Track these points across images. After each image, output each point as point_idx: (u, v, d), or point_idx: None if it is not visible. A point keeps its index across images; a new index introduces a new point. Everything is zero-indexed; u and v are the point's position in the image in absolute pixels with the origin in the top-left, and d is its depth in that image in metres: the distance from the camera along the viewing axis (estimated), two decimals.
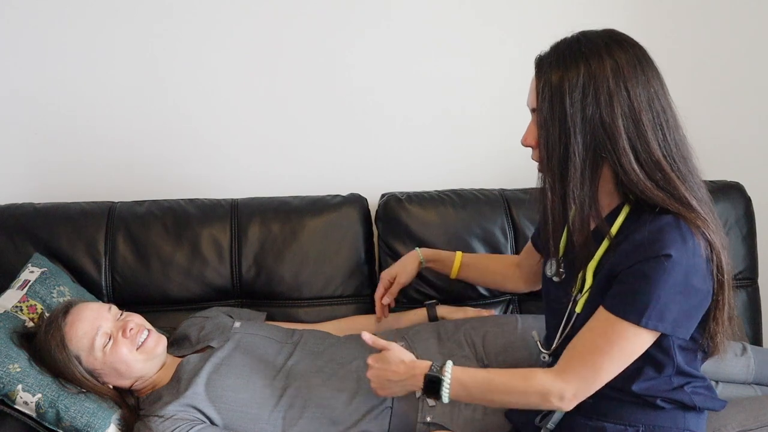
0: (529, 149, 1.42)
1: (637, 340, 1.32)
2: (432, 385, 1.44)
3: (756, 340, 2.13)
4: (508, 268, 1.85)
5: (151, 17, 2.13)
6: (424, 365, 1.47)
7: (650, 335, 1.33)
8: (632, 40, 1.36)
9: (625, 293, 1.32)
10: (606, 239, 1.38)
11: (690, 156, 1.36)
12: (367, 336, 1.56)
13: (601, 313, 1.34)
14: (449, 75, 2.25)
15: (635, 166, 1.31)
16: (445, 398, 1.44)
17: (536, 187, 1.43)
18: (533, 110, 1.39)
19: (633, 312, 1.30)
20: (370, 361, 1.54)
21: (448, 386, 1.44)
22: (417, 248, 1.90)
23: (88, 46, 2.12)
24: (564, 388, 1.37)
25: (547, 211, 1.39)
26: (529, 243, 1.76)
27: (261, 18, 2.16)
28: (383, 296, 1.86)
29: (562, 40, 1.37)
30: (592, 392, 1.38)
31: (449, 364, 1.46)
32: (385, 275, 1.87)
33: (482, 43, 2.24)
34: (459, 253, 1.87)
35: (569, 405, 1.39)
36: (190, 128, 2.20)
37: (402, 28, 2.22)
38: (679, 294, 1.29)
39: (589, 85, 1.30)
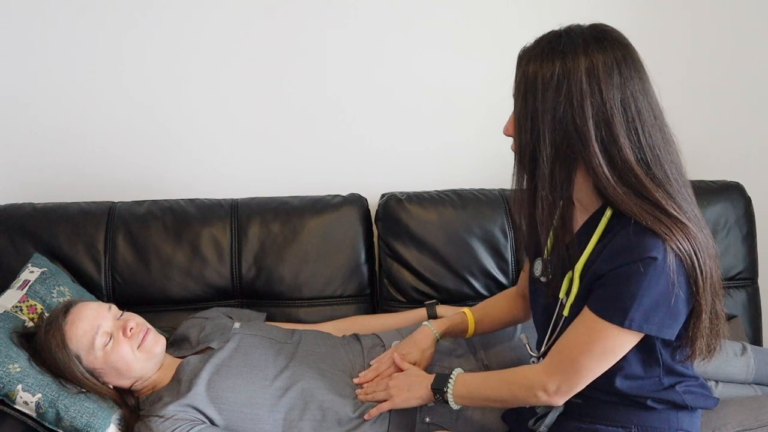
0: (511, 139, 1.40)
1: (619, 341, 1.33)
2: (440, 381, 1.55)
3: (756, 340, 2.13)
4: (513, 305, 1.73)
5: (151, 17, 2.13)
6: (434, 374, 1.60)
7: (634, 336, 1.32)
8: (619, 38, 1.31)
9: (609, 296, 1.31)
10: (591, 241, 1.37)
11: (673, 159, 1.32)
12: (397, 359, 1.66)
13: (586, 314, 1.34)
14: (450, 75, 2.25)
15: (606, 171, 1.28)
16: (450, 393, 1.53)
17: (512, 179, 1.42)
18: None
19: (617, 314, 1.30)
20: (395, 374, 1.64)
21: (452, 381, 1.53)
22: (427, 323, 1.71)
23: (89, 46, 2.12)
24: (546, 382, 1.39)
25: (524, 208, 1.39)
26: (525, 265, 1.65)
27: (263, 19, 2.16)
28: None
29: (547, 34, 1.34)
30: (578, 388, 1.39)
31: (458, 368, 1.58)
32: (399, 359, 1.66)
33: (483, 43, 2.24)
34: (468, 313, 1.71)
35: (556, 400, 1.40)
36: (191, 128, 2.20)
37: (403, 28, 2.22)
38: (663, 295, 1.28)
39: (562, 84, 1.27)
